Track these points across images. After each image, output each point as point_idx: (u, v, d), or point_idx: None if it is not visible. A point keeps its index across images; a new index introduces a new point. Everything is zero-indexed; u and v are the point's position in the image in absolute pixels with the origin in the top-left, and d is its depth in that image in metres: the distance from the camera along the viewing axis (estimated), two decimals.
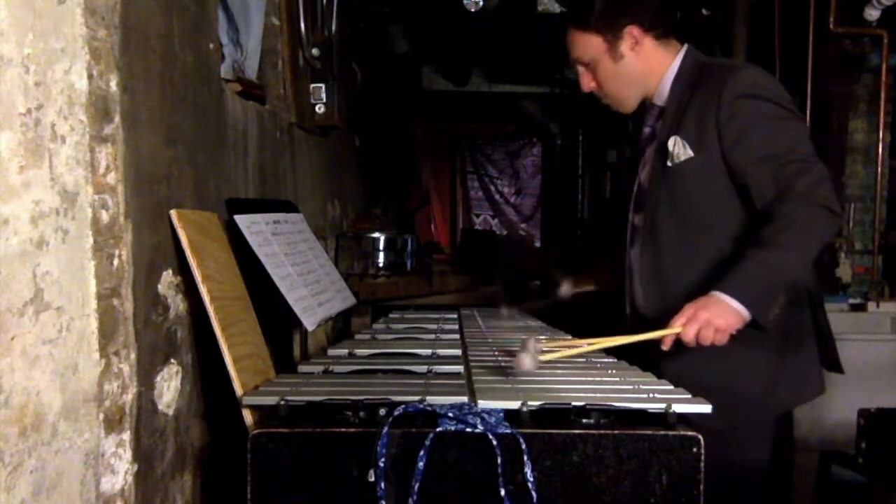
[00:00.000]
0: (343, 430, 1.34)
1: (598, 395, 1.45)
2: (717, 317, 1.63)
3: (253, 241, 1.96)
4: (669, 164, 1.85)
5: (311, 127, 3.04)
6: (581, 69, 1.96)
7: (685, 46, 1.94)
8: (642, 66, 1.90)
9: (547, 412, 1.38)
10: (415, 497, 1.30)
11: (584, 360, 1.87)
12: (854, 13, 4.02)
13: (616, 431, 1.34)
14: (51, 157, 1.24)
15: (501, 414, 1.36)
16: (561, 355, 1.74)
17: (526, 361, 1.57)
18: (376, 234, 3.67)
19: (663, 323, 1.71)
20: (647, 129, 1.99)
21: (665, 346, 1.68)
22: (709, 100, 1.80)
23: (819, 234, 1.73)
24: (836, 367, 1.93)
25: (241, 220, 1.96)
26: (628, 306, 2.04)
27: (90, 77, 1.33)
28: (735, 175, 1.79)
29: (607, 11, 1.87)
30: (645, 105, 1.98)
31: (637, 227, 1.99)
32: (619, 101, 1.97)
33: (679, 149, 1.83)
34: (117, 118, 1.42)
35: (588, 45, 1.90)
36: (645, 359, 1.80)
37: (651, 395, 1.45)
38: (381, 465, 1.30)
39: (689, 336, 1.64)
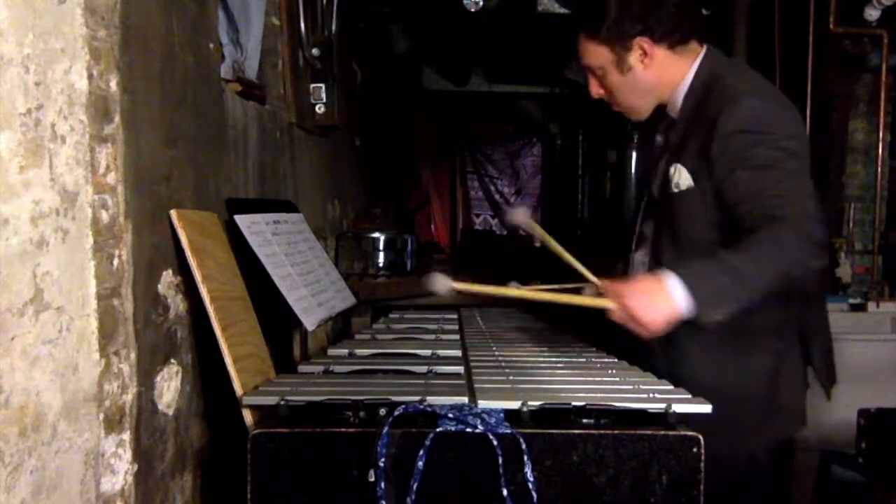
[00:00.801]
0: (343, 430, 1.34)
1: (598, 395, 1.45)
2: (645, 311, 1.52)
3: (253, 241, 1.96)
4: (674, 190, 1.78)
5: (311, 127, 3.04)
6: (589, 76, 1.87)
7: (703, 50, 1.82)
8: (653, 77, 1.80)
9: (547, 412, 1.38)
10: (414, 497, 1.30)
11: (583, 360, 1.87)
12: (854, 13, 4.01)
13: (616, 431, 1.35)
14: (51, 157, 1.24)
15: (501, 414, 1.36)
16: (479, 289, 1.69)
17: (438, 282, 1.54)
18: (376, 234, 3.67)
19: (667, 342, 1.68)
20: (659, 138, 1.92)
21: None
22: (708, 128, 1.71)
23: (794, 258, 1.59)
24: (831, 378, 1.87)
25: (241, 220, 1.96)
26: None
27: (90, 77, 1.33)
28: (726, 210, 1.69)
29: (617, 22, 1.76)
30: (658, 110, 1.89)
31: (645, 236, 1.96)
32: (629, 109, 1.89)
33: (679, 177, 1.77)
34: (117, 118, 1.42)
35: (596, 53, 1.81)
36: (642, 361, 1.80)
37: (651, 395, 1.45)
38: (381, 465, 1.30)
39: (617, 319, 1.55)
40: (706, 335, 1.71)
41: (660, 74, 1.80)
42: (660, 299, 1.51)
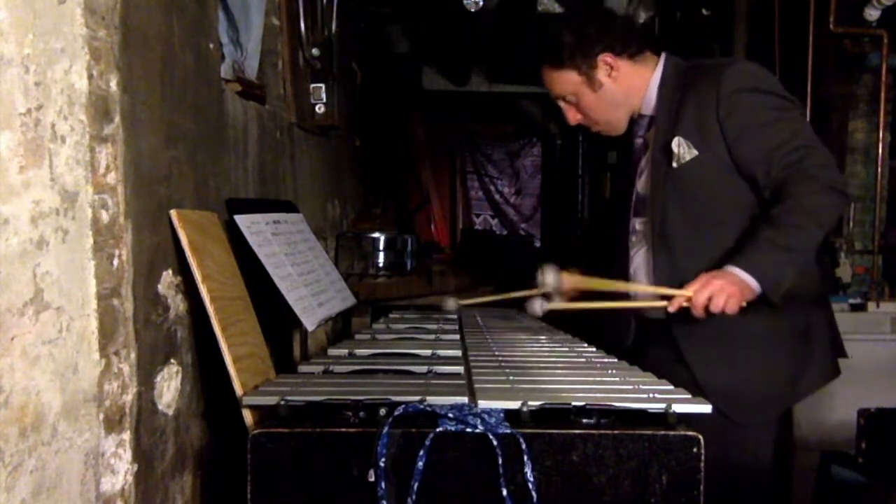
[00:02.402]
0: (343, 430, 1.34)
1: (598, 395, 1.45)
2: (730, 284, 1.68)
3: (253, 241, 1.96)
4: (675, 164, 1.85)
5: (311, 127, 3.04)
6: (564, 105, 1.99)
7: (663, 56, 1.95)
8: (623, 88, 1.92)
9: (547, 412, 1.38)
10: (414, 497, 1.30)
11: (583, 360, 1.87)
12: (854, 13, 4.01)
13: (616, 431, 1.34)
14: (51, 157, 1.24)
15: (501, 414, 1.36)
16: (572, 307, 1.80)
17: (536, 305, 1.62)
18: (376, 234, 3.67)
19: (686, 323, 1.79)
20: (638, 140, 2.00)
21: (672, 308, 1.76)
22: (706, 97, 1.81)
23: (827, 214, 1.77)
24: (841, 351, 1.98)
25: (241, 220, 1.96)
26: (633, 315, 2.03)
27: (90, 77, 1.33)
28: (741, 168, 1.81)
29: (577, 45, 1.88)
30: (632, 118, 1.99)
31: (639, 231, 1.99)
32: (608, 125, 2.00)
33: (683, 149, 1.84)
34: (117, 118, 1.42)
35: (565, 81, 1.93)
36: (678, 364, 1.86)
37: (651, 395, 1.45)
38: (381, 465, 1.30)
39: (700, 299, 1.70)
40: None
41: (629, 84, 1.93)
42: (735, 280, 1.70)
